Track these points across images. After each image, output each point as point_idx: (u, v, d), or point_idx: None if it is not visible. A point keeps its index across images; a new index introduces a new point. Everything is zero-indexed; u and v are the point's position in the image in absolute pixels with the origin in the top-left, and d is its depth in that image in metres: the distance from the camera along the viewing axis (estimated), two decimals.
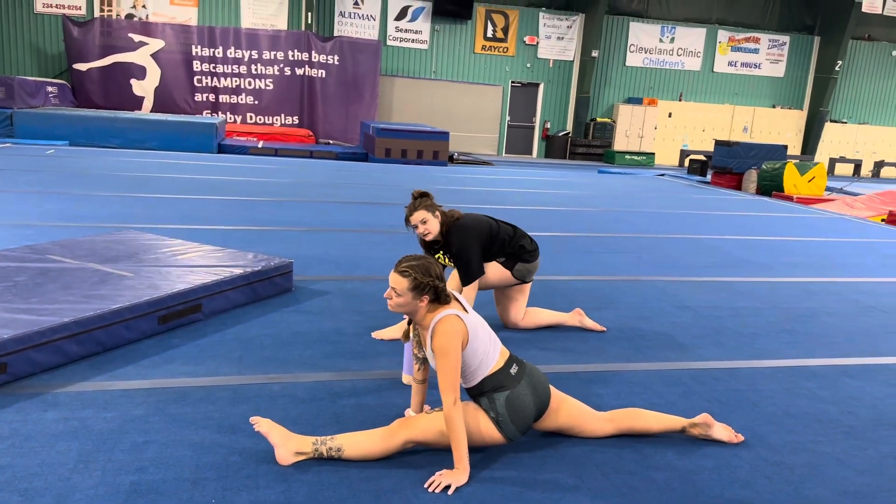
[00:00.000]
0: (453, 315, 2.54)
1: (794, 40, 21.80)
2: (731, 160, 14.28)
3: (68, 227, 6.06)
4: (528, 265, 4.04)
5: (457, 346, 2.49)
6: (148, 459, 2.45)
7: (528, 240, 4.08)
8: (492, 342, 2.66)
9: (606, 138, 20.71)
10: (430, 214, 3.75)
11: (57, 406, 2.82)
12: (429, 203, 3.77)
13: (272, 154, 14.46)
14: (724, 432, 2.84)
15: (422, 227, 3.76)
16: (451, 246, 3.82)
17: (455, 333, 2.50)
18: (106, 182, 8.91)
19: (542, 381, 2.71)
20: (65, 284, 3.72)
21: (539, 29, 19.96)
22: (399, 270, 2.54)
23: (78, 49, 16.19)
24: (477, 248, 3.84)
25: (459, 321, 2.53)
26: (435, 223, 3.77)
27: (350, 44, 17.47)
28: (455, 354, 2.48)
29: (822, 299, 5.38)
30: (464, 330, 2.54)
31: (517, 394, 2.60)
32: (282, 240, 6.21)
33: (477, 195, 10.28)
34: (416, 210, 3.74)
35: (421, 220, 3.74)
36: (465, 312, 2.60)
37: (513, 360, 2.70)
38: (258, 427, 2.51)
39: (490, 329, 2.73)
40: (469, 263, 3.83)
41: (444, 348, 2.48)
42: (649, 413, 2.88)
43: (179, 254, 4.54)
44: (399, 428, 2.55)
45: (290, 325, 3.98)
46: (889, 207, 11.11)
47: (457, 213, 3.88)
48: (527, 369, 2.69)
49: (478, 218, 3.95)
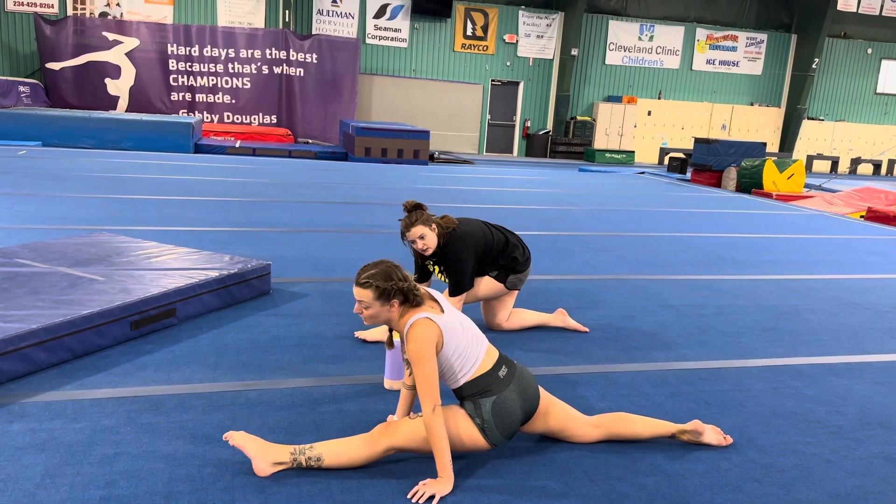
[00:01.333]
0: (424, 319, 2.45)
1: (772, 38, 21.97)
2: (711, 158, 14.33)
3: (39, 230, 5.90)
4: (520, 275, 3.96)
5: (430, 351, 2.41)
6: (118, 472, 2.35)
7: (521, 250, 3.96)
8: (476, 341, 2.57)
9: (587, 137, 20.74)
10: (427, 229, 3.60)
11: (23, 417, 2.71)
12: (425, 217, 3.61)
13: (250, 154, 14.29)
14: (713, 436, 2.79)
15: (420, 244, 3.61)
16: (447, 258, 3.70)
17: (427, 339, 2.41)
18: (79, 183, 8.73)
19: (532, 384, 2.63)
20: (33, 289, 3.60)
21: (519, 27, 19.94)
22: (360, 283, 2.47)
23: (50, 48, 15.91)
24: (471, 262, 3.74)
25: (430, 323, 2.44)
26: (433, 237, 3.62)
27: (328, 42, 17.33)
28: (429, 360, 2.40)
29: (804, 297, 5.37)
30: (436, 332, 2.45)
31: (504, 399, 2.50)
32: (259, 241, 6.10)
33: (458, 194, 10.21)
34: (414, 225, 3.59)
35: (419, 235, 3.60)
36: (439, 313, 2.51)
37: (502, 361, 2.60)
38: (232, 442, 2.41)
39: (475, 328, 2.64)
40: (461, 278, 3.74)
41: (417, 354, 2.39)
42: (638, 418, 2.81)
43: (153, 256, 4.42)
44: (380, 435, 2.46)
45: (268, 330, 3.88)
46: (867, 204, 11.19)
47: (452, 222, 3.72)
48: (517, 371, 2.60)
49: (473, 227, 3.81)
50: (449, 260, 3.70)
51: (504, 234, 3.96)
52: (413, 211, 3.64)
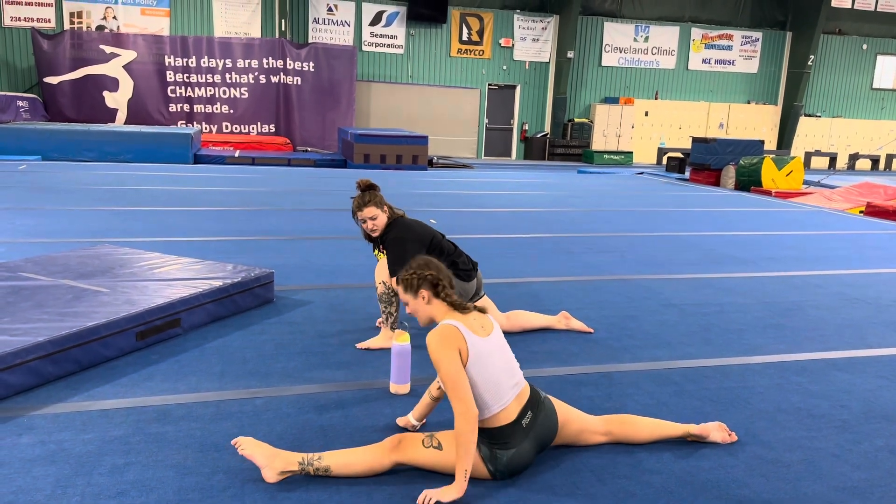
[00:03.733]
0: (448, 324, 2.42)
1: (767, 36, 22.02)
2: (709, 157, 14.36)
3: (41, 244, 5.92)
4: (459, 282, 3.81)
5: (449, 356, 2.35)
6: (129, 482, 2.36)
7: (465, 259, 3.93)
8: (509, 376, 2.47)
9: (584, 138, 20.77)
10: (379, 210, 3.72)
11: (32, 429, 2.72)
12: (378, 198, 3.73)
13: (249, 163, 14.32)
14: (718, 434, 2.79)
15: (370, 223, 3.73)
16: (388, 236, 3.74)
17: (443, 341, 2.37)
18: (80, 196, 8.76)
19: (553, 422, 2.55)
20: (38, 302, 3.61)
21: (514, 31, 19.99)
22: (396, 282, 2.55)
23: (48, 62, 15.95)
24: (413, 245, 3.69)
25: (452, 328, 2.40)
26: (383, 218, 3.74)
27: (325, 50, 17.37)
28: (449, 363, 2.34)
29: (806, 293, 5.38)
30: (456, 337, 2.38)
31: (522, 451, 2.44)
32: (262, 249, 6.12)
33: (458, 199, 10.22)
34: (367, 205, 3.70)
35: (371, 216, 3.71)
36: (476, 329, 2.44)
37: (529, 406, 2.49)
38: (241, 450, 2.42)
39: (514, 362, 2.55)
40: (403, 254, 3.59)
41: (434, 357, 2.38)
42: (644, 421, 2.78)
43: (157, 267, 4.44)
44: (391, 451, 2.44)
45: (273, 337, 3.89)
46: (866, 199, 11.21)
47: (401, 212, 3.86)
48: (540, 416, 2.51)
49: (421, 222, 3.89)
50: (390, 237, 3.73)
51: (453, 244, 3.95)
52: (367, 191, 3.73)
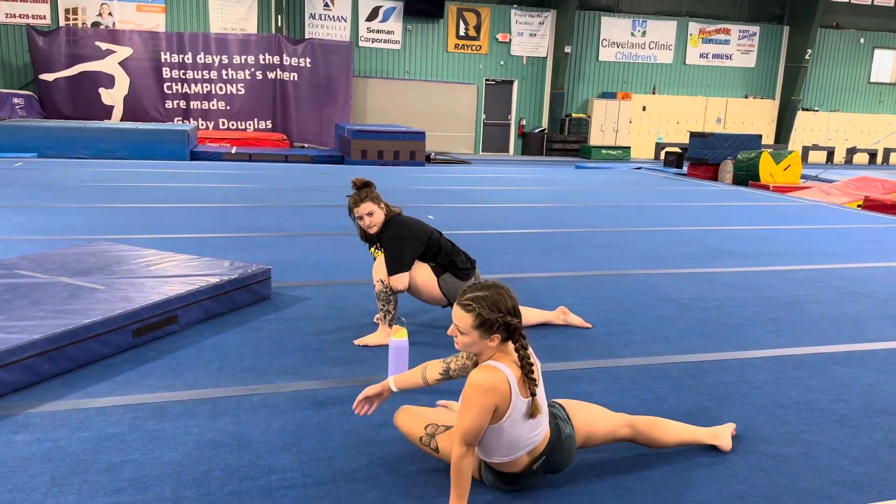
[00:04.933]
0: (499, 370, 2.17)
1: (764, 30, 21.99)
2: (707, 151, 14.34)
3: (38, 241, 5.90)
4: (457, 281, 3.83)
5: (486, 408, 2.13)
6: (125, 480, 2.35)
7: (464, 257, 3.93)
8: (531, 431, 2.25)
9: (582, 133, 20.75)
10: (375, 207, 3.72)
11: (28, 427, 2.70)
12: (374, 195, 3.74)
13: (246, 159, 14.29)
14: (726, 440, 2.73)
15: (367, 220, 3.72)
16: (385, 233, 3.74)
17: (490, 390, 2.12)
18: (76, 193, 8.73)
19: (568, 459, 2.40)
20: (34, 300, 3.59)
21: (511, 26, 19.95)
22: (462, 304, 2.19)
23: (44, 59, 15.89)
24: (411, 244, 3.73)
25: (504, 380, 2.15)
26: (380, 215, 3.73)
27: (321, 46, 17.32)
28: (479, 414, 2.13)
29: (804, 287, 5.38)
30: (504, 393, 2.15)
31: (530, 485, 2.38)
32: (259, 246, 6.10)
33: (456, 194, 10.20)
34: (363, 201, 3.70)
35: (367, 212, 3.71)
36: (519, 388, 2.19)
37: (544, 452, 2.32)
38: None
39: (546, 418, 2.33)
40: (398, 254, 3.69)
41: (469, 399, 2.14)
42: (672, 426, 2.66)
43: (153, 264, 4.42)
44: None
45: (270, 334, 3.88)
46: (864, 193, 11.21)
47: (398, 209, 3.86)
48: (555, 458, 2.35)
49: (418, 220, 3.88)
50: (387, 235, 3.73)
51: (451, 242, 3.96)
52: (363, 188, 3.73)
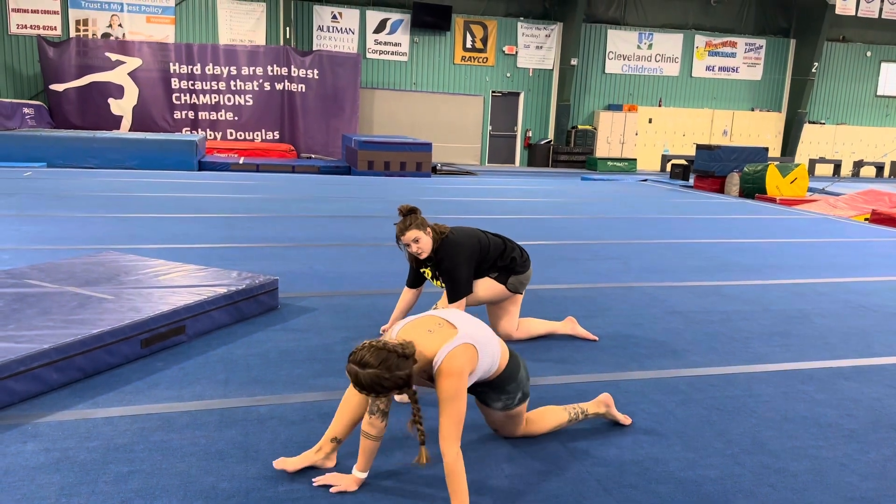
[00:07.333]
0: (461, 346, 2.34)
1: (771, 43, 22.01)
2: (713, 164, 14.34)
3: (46, 251, 5.93)
4: (520, 276, 3.98)
5: (465, 384, 2.30)
6: (133, 490, 2.36)
7: (519, 251, 4.02)
8: (496, 344, 2.58)
9: (588, 145, 20.77)
10: (421, 233, 3.68)
11: (37, 437, 2.71)
12: (419, 220, 3.70)
13: (254, 170, 14.35)
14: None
15: (414, 247, 3.69)
16: (442, 263, 3.75)
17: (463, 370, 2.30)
18: (85, 203, 8.78)
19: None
20: (43, 310, 3.61)
21: (518, 38, 20.01)
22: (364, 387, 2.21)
23: (54, 70, 16.01)
24: (467, 266, 3.78)
25: (467, 348, 2.36)
26: (427, 241, 3.70)
27: (329, 57, 17.42)
28: (464, 396, 2.26)
29: (812, 301, 5.36)
30: (472, 355, 2.37)
31: (521, 379, 2.69)
32: (266, 257, 6.12)
33: (462, 205, 10.23)
34: (409, 229, 3.67)
35: (413, 238, 3.67)
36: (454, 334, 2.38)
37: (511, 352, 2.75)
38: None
39: (489, 330, 2.57)
40: (458, 282, 3.77)
41: (452, 391, 2.23)
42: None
43: (161, 274, 4.44)
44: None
45: (277, 345, 3.89)
46: (871, 206, 11.18)
47: (445, 229, 3.81)
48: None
49: (467, 233, 3.88)
50: (444, 265, 3.75)
51: (501, 238, 4.02)
52: (408, 215, 3.72)
